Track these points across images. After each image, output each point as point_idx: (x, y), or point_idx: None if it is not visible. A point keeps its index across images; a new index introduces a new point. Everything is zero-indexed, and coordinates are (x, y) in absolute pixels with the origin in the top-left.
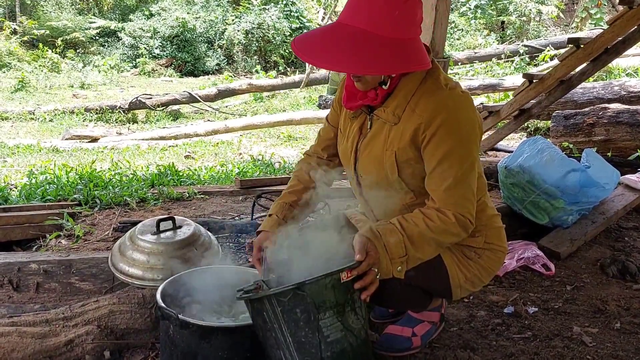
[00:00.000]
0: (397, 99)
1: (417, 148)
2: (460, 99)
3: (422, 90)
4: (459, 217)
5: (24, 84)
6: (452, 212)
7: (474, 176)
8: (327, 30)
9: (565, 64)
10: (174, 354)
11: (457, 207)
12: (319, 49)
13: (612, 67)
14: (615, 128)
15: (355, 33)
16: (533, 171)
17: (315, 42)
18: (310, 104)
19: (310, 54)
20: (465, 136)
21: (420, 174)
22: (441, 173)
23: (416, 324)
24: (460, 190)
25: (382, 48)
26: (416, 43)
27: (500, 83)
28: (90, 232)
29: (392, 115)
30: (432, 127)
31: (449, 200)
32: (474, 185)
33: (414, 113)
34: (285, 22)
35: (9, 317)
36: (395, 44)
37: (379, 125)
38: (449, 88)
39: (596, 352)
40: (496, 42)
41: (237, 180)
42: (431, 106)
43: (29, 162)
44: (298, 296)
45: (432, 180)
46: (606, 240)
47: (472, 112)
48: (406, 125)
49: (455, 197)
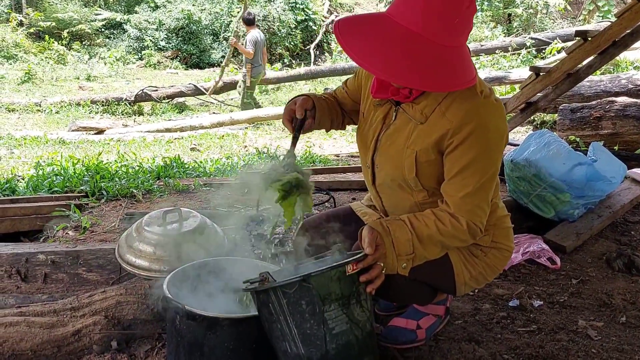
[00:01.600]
0: (427, 99)
1: (440, 152)
2: (493, 108)
3: (455, 94)
4: (471, 225)
5: (31, 76)
6: (465, 220)
7: (492, 186)
8: (376, 24)
9: (573, 57)
10: (181, 344)
11: (471, 216)
12: (368, 48)
13: (620, 60)
14: (622, 122)
15: (410, 37)
16: (539, 165)
17: (362, 38)
18: None
19: (360, 54)
20: (492, 147)
21: (438, 177)
22: (461, 180)
23: (421, 316)
24: (477, 199)
25: (436, 59)
26: (465, 51)
27: (506, 76)
28: (97, 224)
29: (420, 114)
30: (461, 135)
31: (464, 207)
32: (490, 195)
33: (444, 117)
34: (291, 15)
35: (17, 307)
36: (448, 54)
37: (403, 120)
38: (483, 96)
39: (601, 346)
40: (503, 34)
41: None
42: (462, 113)
43: (36, 154)
44: (304, 288)
45: (450, 185)
46: (612, 234)
47: (502, 122)
48: (433, 127)
49: (471, 205)
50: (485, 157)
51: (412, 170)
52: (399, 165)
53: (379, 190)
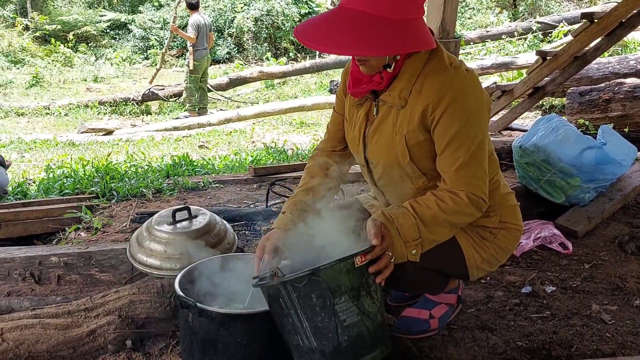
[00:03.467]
0: (402, 82)
1: (426, 130)
2: (465, 77)
3: (427, 71)
4: (472, 196)
5: (38, 80)
6: (464, 193)
7: (484, 154)
8: (328, 15)
9: (579, 40)
10: (194, 341)
11: (469, 187)
12: (321, 33)
13: (628, 41)
14: (631, 103)
15: (356, 15)
16: (548, 150)
17: (317, 27)
18: (321, 89)
19: (312, 39)
20: (473, 115)
21: (432, 156)
22: (451, 153)
23: (433, 306)
24: (471, 169)
25: (385, 29)
26: (419, 24)
27: (513, 61)
28: (109, 224)
29: (399, 98)
30: (440, 108)
31: (460, 180)
32: (484, 163)
33: (421, 94)
34: (294, 8)
35: (32, 310)
36: (397, 25)
37: (385, 110)
38: (453, 67)
39: (616, 330)
40: (508, 19)
41: (251, 169)
42: (437, 87)
43: (46, 157)
44: (313, 282)
45: (442, 161)
46: (624, 217)
47: (479, 90)
48: (413, 107)
49: (466, 177)
50: (469, 125)
51: (405, 155)
52: (392, 154)
53: (380, 186)
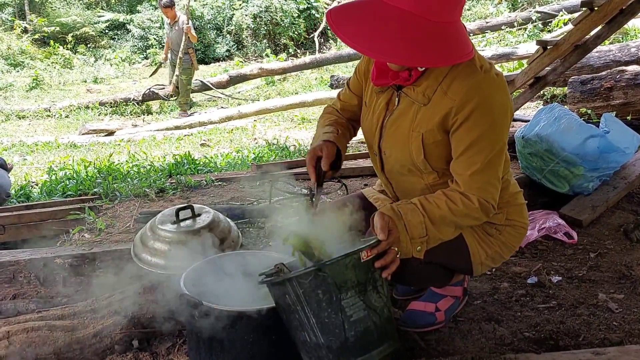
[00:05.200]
0: (428, 79)
1: (445, 131)
2: (494, 82)
3: (455, 72)
4: (483, 202)
5: (38, 82)
6: (476, 197)
7: (501, 162)
8: (367, 8)
9: (580, 28)
10: (201, 340)
11: (482, 193)
12: (363, 32)
13: (629, 29)
14: (633, 90)
15: (401, 16)
16: (551, 139)
17: (357, 23)
18: (322, 85)
19: (355, 39)
20: (497, 122)
21: (446, 157)
22: (469, 158)
23: (439, 299)
24: (487, 176)
25: (432, 36)
26: (460, 26)
27: (513, 52)
28: (112, 225)
29: (422, 95)
30: (465, 112)
31: (474, 185)
32: (500, 170)
33: (446, 96)
34: (293, 4)
35: (38, 312)
36: (443, 30)
37: (406, 104)
38: (484, 71)
39: (623, 318)
40: (508, 10)
41: (254, 166)
42: (464, 90)
43: (48, 159)
44: (319, 277)
45: (458, 164)
46: (629, 205)
47: (506, 96)
48: (436, 107)
49: (480, 182)
50: (491, 132)
51: (420, 153)
52: (407, 149)
53: (389, 177)
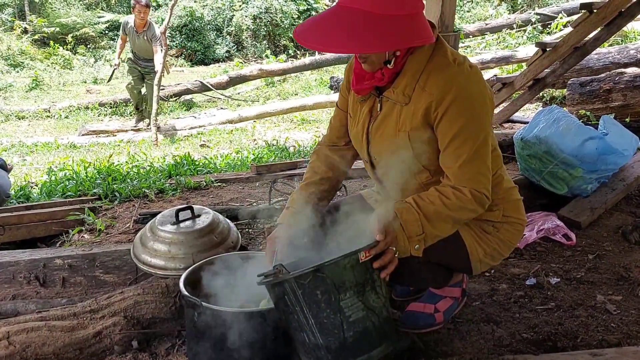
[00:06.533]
0: (405, 78)
1: (430, 126)
2: (469, 73)
3: (430, 68)
4: (475, 193)
5: (38, 83)
6: (468, 189)
7: (487, 151)
8: (325, 14)
9: (579, 30)
10: (200, 340)
11: (473, 183)
12: (320, 34)
13: (628, 31)
14: (632, 93)
15: (353, 13)
16: (550, 141)
17: (314, 27)
18: (321, 86)
19: (309, 39)
20: (477, 111)
21: (435, 152)
22: (455, 150)
23: (438, 300)
24: (475, 166)
25: (383, 26)
26: (418, 18)
27: (513, 55)
28: (112, 226)
29: (402, 95)
30: (444, 105)
31: (464, 176)
32: (488, 160)
33: (424, 91)
34: (293, 5)
35: (37, 313)
36: (396, 21)
37: (389, 107)
38: (457, 63)
39: (621, 320)
40: (507, 12)
41: (253, 167)
42: (441, 83)
43: (48, 160)
44: (318, 278)
45: (446, 157)
46: (627, 207)
47: (483, 85)
48: (417, 104)
49: (470, 173)
50: (473, 122)
51: (408, 151)
52: (395, 150)
53: (383, 180)
